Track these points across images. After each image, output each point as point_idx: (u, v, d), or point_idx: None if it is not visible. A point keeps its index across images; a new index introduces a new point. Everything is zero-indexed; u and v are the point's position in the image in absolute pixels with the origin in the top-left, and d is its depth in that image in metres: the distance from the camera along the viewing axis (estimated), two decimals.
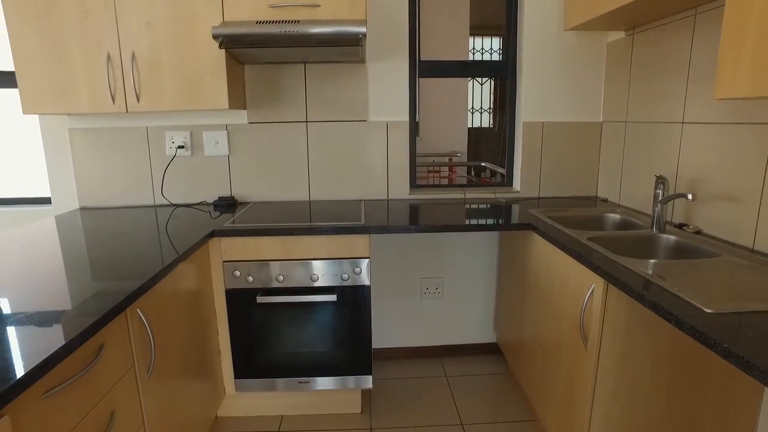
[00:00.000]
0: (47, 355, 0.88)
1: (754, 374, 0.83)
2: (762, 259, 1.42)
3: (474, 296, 2.57)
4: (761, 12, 1.16)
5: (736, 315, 1.04)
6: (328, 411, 2.16)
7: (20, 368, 0.83)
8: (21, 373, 0.81)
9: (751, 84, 1.19)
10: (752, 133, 1.53)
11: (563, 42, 2.38)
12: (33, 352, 0.88)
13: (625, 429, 1.52)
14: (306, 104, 2.35)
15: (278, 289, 1.92)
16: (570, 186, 2.51)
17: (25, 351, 0.89)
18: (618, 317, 1.42)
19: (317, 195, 2.45)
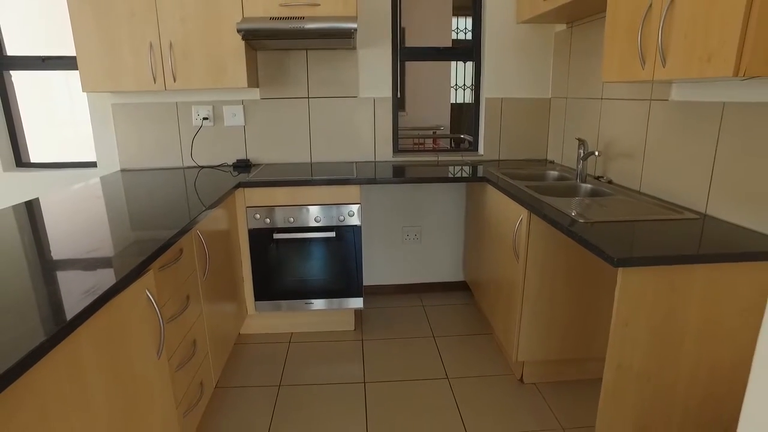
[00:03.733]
0: (161, 245, 1.42)
1: (604, 258, 1.37)
2: (640, 196, 1.99)
3: (446, 242, 3.14)
4: (625, 22, 1.71)
5: (601, 223, 1.61)
6: (327, 328, 2.74)
7: (151, 250, 1.37)
8: (153, 251, 1.36)
9: (620, 72, 1.74)
10: (639, 106, 2.09)
11: (519, 31, 2.91)
12: (151, 247, 1.43)
13: (547, 322, 2.11)
14: (308, 83, 2.86)
15: (289, 228, 2.47)
16: (524, 150, 3.07)
17: (147, 247, 1.43)
18: (539, 237, 1.99)
19: (317, 157, 2.98)
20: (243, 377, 2.30)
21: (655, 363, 1.41)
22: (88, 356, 1.03)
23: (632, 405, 1.44)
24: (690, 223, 1.63)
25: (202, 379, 1.85)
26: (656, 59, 1.55)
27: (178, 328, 1.60)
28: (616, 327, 1.37)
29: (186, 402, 1.66)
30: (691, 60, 1.40)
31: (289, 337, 2.68)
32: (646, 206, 1.83)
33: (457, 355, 2.48)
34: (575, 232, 1.52)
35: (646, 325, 1.38)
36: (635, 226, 1.59)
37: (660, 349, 1.40)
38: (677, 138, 1.87)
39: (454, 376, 2.30)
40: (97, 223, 1.64)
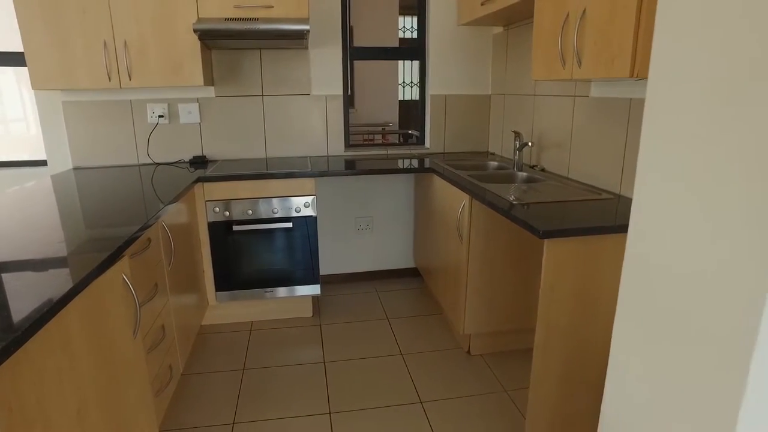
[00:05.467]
0: (134, 232, 1.52)
1: (532, 231, 1.59)
2: (568, 181, 2.25)
3: (397, 230, 3.34)
4: (548, 28, 1.94)
5: (533, 204, 1.83)
6: (287, 315, 2.87)
7: (126, 236, 1.47)
8: (128, 237, 1.46)
9: (546, 71, 1.98)
10: (566, 102, 2.34)
11: (460, 33, 3.13)
12: (126, 233, 1.53)
13: (489, 296, 2.33)
14: (262, 81, 2.97)
15: (248, 220, 2.58)
16: (468, 143, 3.30)
17: (119, 235, 1.53)
18: (480, 220, 2.21)
19: (272, 153, 3.09)
20: (207, 364, 2.40)
21: (577, 321, 1.64)
22: (76, 331, 1.14)
23: (559, 358, 1.67)
24: (606, 202, 1.89)
25: (171, 363, 1.95)
26: (574, 61, 1.79)
27: (149, 313, 1.70)
28: (543, 292, 1.59)
29: (158, 382, 1.76)
30: (600, 62, 1.64)
31: (250, 326, 2.79)
32: (572, 190, 2.09)
33: (409, 333, 2.67)
34: (509, 212, 1.74)
35: (569, 289, 1.61)
36: (562, 206, 1.83)
37: (581, 309, 1.63)
38: (596, 129, 2.14)
39: (408, 352, 2.49)
40: (65, 218, 1.71)
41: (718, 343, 0.68)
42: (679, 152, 0.74)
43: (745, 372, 0.63)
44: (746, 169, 0.63)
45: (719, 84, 0.67)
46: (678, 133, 0.75)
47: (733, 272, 0.66)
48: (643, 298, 0.83)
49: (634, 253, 0.85)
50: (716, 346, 0.68)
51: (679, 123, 0.74)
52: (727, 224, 0.67)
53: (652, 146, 0.80)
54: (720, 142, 0.67)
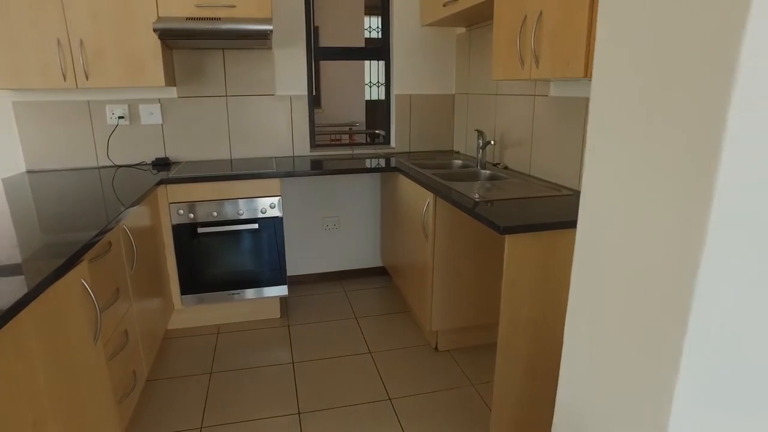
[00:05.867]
0: (93, 236, 1.49)
1: (493, 227, 1.63)
2: (530, 179, 2.31)
3: (364, 230, 3.35)
4: (507, 30, 1.99)
5: (495, 202, 1.88)
6: (254, 318, 2.85)
7: (84, 241, 1.44)
8: (86, 241, 1.43)
9: (506, 71, 2.02)
10: (526, 101, 2.41)
11: (424, 33, 3.17)
12: (84, 238, 1.49)
13: (455, 293, 2.37)
14: (225, 82, 2.94)
15: (213, 222, 2.55)
16: (433, 142, 3.34)
17: (78, 239, 1.50)
18: (444, 218, 2.24)
19: (237, 154, 3.06)
20: (174, 369, 2.37)
21: (539, 314, 1.69)
22: (32, 339, 1.11)
23: (523, 350, 1.72)
24: (566, 198, 1.95)
25: (135, 368, 1.91)
26: (532, 61, 1.84)
27: (110, 318, 1.66)
28: (505, 286, 1.64)
29: (121, 389, 1.73)
30: (556, 63, 1.70)
31: (217, 329, 2.76)
32: (534, 186, 2.14)
33: (377, 332, 2.69)
34: (471, 209, 1.77)
35: (530, 283, 1.65)
36: (523, 203, 1.88)
37: (542, 301, 1.68)
38: (556, 127, 2.20)
39: (376, 350, 2.51)
40: (18, 223, 1.66)
41: (654, 330, 0.72)
42: (617, 150, 0.78)
43: (679, 355, 0.68)
44: (676, 166, 0.67)
45: (651, 86, 0.71)
46: (616, 133, 0.79)
47: (665, 264, 0.70)
48: (591, 289, 0.87)
49: (583, 246, 0.89)
50: (652, 333, 0.72)
51: (618, 122, 0.78)
52: (660, 218, 0.71)
53: (596, 144, 0.84)
54: (652, 141, 0.71)
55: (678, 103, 0.67)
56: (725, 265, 0.67)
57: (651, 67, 0.71)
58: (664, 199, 0.71)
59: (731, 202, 0.64)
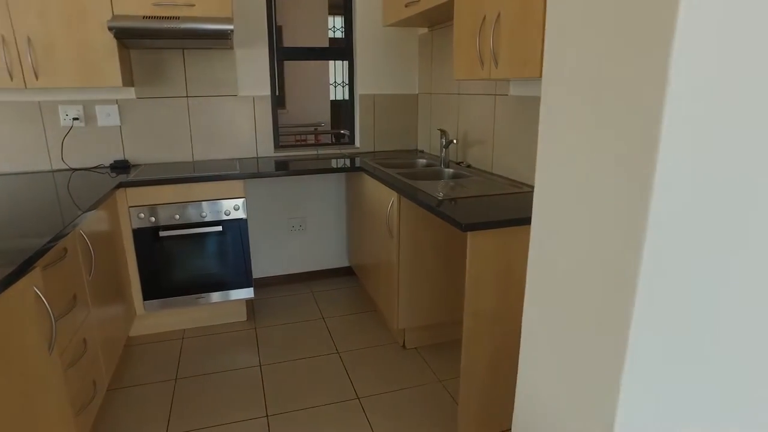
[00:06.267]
0: (45, 242, 1.44)
1: (455, 225, 1.66)
2: (492, 177, 2.36)
3: (330, 230, 3.35)
4: (467, 30, 2.03)
5: (457, 200, 1.91)
6: (220, 321, 2.81)
7: (36, 247, 1.39)
8: (39, 248, 1.38)
9: (466, 71, 2.06)
10: (487, 101, 2.45)
11: (386, 33, 3.18)
12: (36, 244, 1.44)
13: (421, 292, 2.40)
14: (186, 82, 2.88)
15: (176, 225, 2.50)
16: (397, 142, 3.37)
17: (31, 245, 1.45)
18: (409, 216, 2.27)
19: (199, 156, 3.01)
20: (136, 377, 2.31)
21: (502, 309, 1.73)
22: None
23: (487, 345, 1.76)
24: (527, 195, 2.00)
25: (95, 378, 1.86)
26: (491, 62, 1.88)
27: (67, 327, 1.61)
28: (469, 283, 1.67)
29: (79, 400, 1.68)
30: (514, 63, 1.74)
31: (182, 334, 2.70)
32: (495, 184, 2.19)
33: (345, 331, 2.70)
34: (434, 207, 1.80)
35: (492, 279, 1.69)
36: (485, 201, 1.92)
37: (505, 296, 1.72)
38: (516, 126, 2.25)
39: (344, 350, 2.52)
40: None
41: (601, 319, 0.75)
42: (565, 148, 0.81)
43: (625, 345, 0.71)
44: (617, 164, 0.71)
45: (595, 86, 0.74)
46: (564, 131, 0.82)
47: (611, 259, 0.73)
48: (545, 283, 0.90)
49: (536, 241, 0.92)
50: (600, 322, 0.75)
51: (565, 121, 0.81)
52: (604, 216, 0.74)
53: (546, 143, 0.87)
54: (596, 139, 0.75)
55: (618, 104, 0.70)
56: (664, 258, 0.70)
57: (594, 68, 0.74)
58: (607, 197, 0.74)
59: (669, 197, 0.68)
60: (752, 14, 0.64)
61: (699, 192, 0.69)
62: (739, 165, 0.71)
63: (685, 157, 0.66)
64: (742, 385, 0.85)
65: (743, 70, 0.66)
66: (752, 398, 0.87)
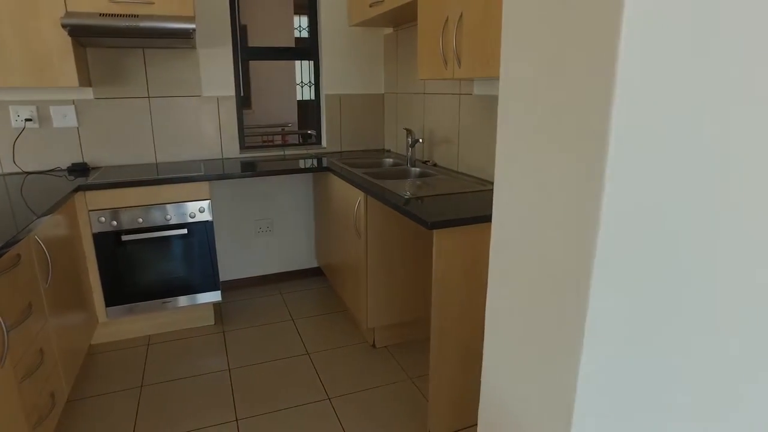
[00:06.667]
0: None
1: (421, 223, 1.67)
2: (458, 175, 2.39)
3: (298, 231, 3.32)
4: (431, 30, 2.05)
5: (424, 198, 1.93)
6: (187, 326, 2.75)
7: None
8: None
9: (430, 71, 2.08)
10: (452, 100, 2.48)
11: (352, 33, 3.18)
12: None
13: (390, 290, 2.41)
14: (147, 82, 2.81)
15: (139, 228, 2.44)
16: (364, 141, 3.37)
17: None
18: (376, 216, 2.27)
19: (162, 157, 2.94)
20: (99, 386, 2.24)
21: (469, 305, 1.76)
22: None
23: (455, 341, 1.78)
24: (491, 193, 2.03)
25: (53, 389, 1.79)
26: (454, 61, 1.90)
27: (22, 337, 1.56)
28: (436, 280, 1.68)
29: (36, 413, 1.62)
30: (477, 63, 1.77)
31: (147, 340, 2.64)
32: (461, 182, 2.22)
33: (315, 332, 2.68)
34: (400, 206, 1.81)
35: (459, 275, 1.71)
36: (450, 199, 1.94)
37: (471, 293, 1.75)
38: (480, 125, 2.29)
39: (314, 351, 2.50)
40: None
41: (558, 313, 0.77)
42: (521, 147, 0.84)
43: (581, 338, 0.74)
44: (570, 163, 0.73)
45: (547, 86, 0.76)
46: (519, 130, 0.84)
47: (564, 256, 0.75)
48: (505, 279, 0.92)
49: (497, 238, 0.94)
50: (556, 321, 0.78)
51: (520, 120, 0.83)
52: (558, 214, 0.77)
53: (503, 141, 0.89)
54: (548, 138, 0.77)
55: (569, 103, 0.72)
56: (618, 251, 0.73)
57: (546, 70, 0.76)
58: (560, 194, 0.76)
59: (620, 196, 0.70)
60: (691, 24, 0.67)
61: (649, 187, 0.72)
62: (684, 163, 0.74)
63: (634, 153, 0.69)
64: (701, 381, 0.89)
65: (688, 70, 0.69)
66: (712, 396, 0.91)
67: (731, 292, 0.86)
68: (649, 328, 0.81)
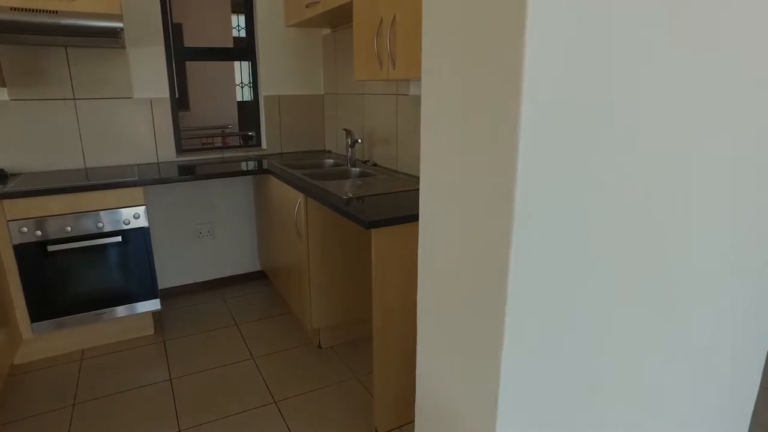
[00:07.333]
0: None
1: (359, 223, 1.69)
2: (397, 174, 2.43)
3: (240, 234, 3.27)
4: (366, 31, 2.07)
5: (363, 198, 1.95)
6: (125, 337, 2.65)
7: None
8: None
9: (366, 72, 2.10)
10: (390, 100, 2.52)
11: (289, 33, 3.16)
12: None
13: (333, 291, 2.41)
14: (71, 83, 2.67)
15: (67, 238, 2.32)
16: (305, 142, 3.36)
17: None
18: (316, 216, 2.27)
19: (93, 162, 2.81)
20: (25, 409, 2.11)
21: (408, 301, 1.79)
22: None
23: (397, 338, 1.81)
24: None
25: None
26: (389, 63, 1.93)
27: None
28: (375, 277, 1.71)
29: None
30: (411, 64, 1.81)
31: (80, 355, 2.52)
32: (400, 181, 2.25)
33: (259, 336, 2.65)
34: (338, 207, 1.83)
35: (398, 273, 1.74)
36: (389, 198, 1.97)
37: (411, 290, 1.78)
38: (417, 124, 2.34)
39: (259, 355, 2.47)
40: None
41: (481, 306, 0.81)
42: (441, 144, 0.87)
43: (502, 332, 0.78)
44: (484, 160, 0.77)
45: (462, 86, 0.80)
46: (440, 129, 0.88)
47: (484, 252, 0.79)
48: (432, 274, 0.96)
49: (424, 235, 0.97)
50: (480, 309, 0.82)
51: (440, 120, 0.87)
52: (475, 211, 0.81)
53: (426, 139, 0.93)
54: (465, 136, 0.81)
55: (483, 103, 0.76)
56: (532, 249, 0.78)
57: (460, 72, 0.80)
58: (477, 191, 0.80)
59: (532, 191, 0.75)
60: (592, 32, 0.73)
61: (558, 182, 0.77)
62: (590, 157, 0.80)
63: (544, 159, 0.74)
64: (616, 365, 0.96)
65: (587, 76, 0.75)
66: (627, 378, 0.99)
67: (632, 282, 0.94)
68: (564, 318, 0.86)
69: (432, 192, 0.93)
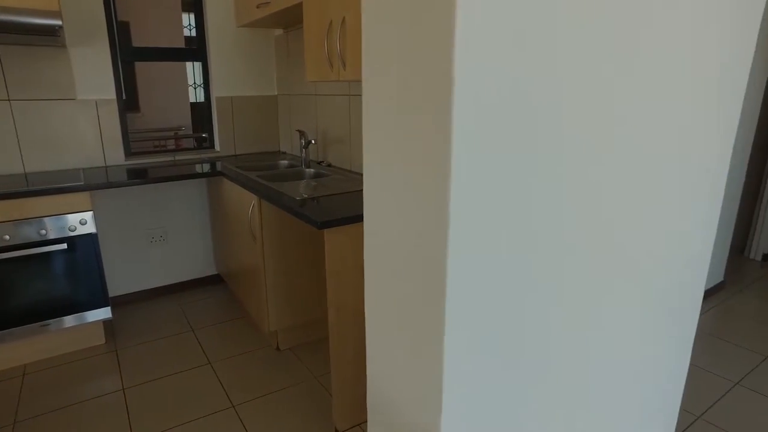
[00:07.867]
0: None
1: (311, 223, 1.69)
2: (351, 174, 2.44)
3: (194, 238, 3.21)
4: (316, 33, 2.08)
5: (317, 198, 1.95)
6: (73, 348, 2.55)
7: None
8: None
9: (318, 73, 2.11)
10: (343, 101, 2.53)
11: (241, 34, 3.12)
12: None
13: (289, 292, 2.41)
14: (5, 84, 2.55)
15: (6, 246, 2.22)
16: (259, 144, 3.33)
17: None
18: (270, 218, 2.26)
19: (33, 167, 2.69)
20: None
21: (362, 300, 1.81)
22: None
23: (353, 337, 1.83)
24: None
25: None
26: (339, 64, 1.94)
27: None
28: (330, 277, 1.72)
29: None
30: (360, 65, 1.82)
31: (22, 370, 2.41)
32: (354, 181, 2.27)
33: (217, 341, 2.62)
34: (290, 208, 1.83)
35: (351, 272, 1.76)
36: (343, 198, 1.98)
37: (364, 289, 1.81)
38: None
39: (216, 359, 2.44)
40: None
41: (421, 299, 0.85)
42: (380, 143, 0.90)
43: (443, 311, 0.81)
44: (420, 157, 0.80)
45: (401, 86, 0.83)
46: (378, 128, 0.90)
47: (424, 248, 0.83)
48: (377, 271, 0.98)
49: (369, 233, 0.99)
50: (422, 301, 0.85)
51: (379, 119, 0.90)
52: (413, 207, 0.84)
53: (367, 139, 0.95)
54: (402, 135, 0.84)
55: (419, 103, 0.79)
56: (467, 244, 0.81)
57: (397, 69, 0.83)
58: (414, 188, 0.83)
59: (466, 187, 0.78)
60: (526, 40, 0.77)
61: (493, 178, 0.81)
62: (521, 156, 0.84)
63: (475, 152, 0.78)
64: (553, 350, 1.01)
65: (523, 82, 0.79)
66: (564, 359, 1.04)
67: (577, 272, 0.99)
68: (503, 310, 0.91)
69: (374, 193, 0.95)
